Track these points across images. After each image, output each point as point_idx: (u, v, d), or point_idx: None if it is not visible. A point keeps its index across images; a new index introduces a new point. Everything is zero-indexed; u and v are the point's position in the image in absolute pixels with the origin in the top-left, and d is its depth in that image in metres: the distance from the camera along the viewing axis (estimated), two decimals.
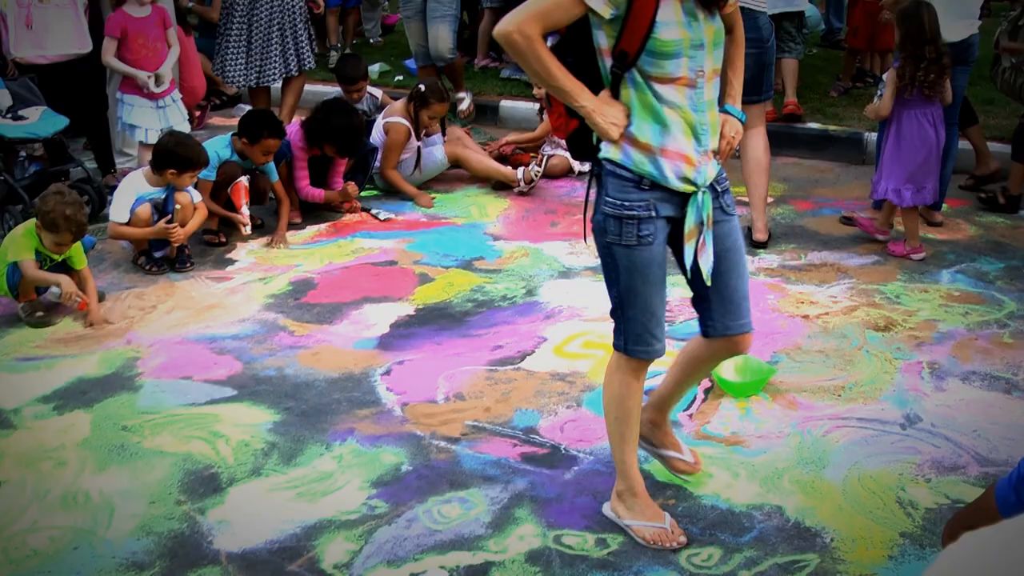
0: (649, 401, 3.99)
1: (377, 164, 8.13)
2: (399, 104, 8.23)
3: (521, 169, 7.95)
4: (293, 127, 7.62)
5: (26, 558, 3.70)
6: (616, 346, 3.65)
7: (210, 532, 3.84)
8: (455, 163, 8.24)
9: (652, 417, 3.99)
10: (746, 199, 6.80)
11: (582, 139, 3.53)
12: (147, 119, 7.73)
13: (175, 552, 3.72)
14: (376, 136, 8.14)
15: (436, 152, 8.20)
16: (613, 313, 3.64)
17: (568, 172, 8.53)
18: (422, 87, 8.17)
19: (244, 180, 7.03)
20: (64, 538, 3.82)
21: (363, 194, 8.05)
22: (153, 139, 7.37)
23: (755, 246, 6.70)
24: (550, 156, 8.44)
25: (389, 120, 8.08)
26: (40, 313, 5.80)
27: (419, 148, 8.12)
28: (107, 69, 7.90)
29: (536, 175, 7.94)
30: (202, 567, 3.64)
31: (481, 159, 8.22)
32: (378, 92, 9.09)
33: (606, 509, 3.83)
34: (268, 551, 3.72)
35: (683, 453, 4.06)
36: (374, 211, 7.66)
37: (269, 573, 3.59)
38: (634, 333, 3.57)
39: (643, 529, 3.69)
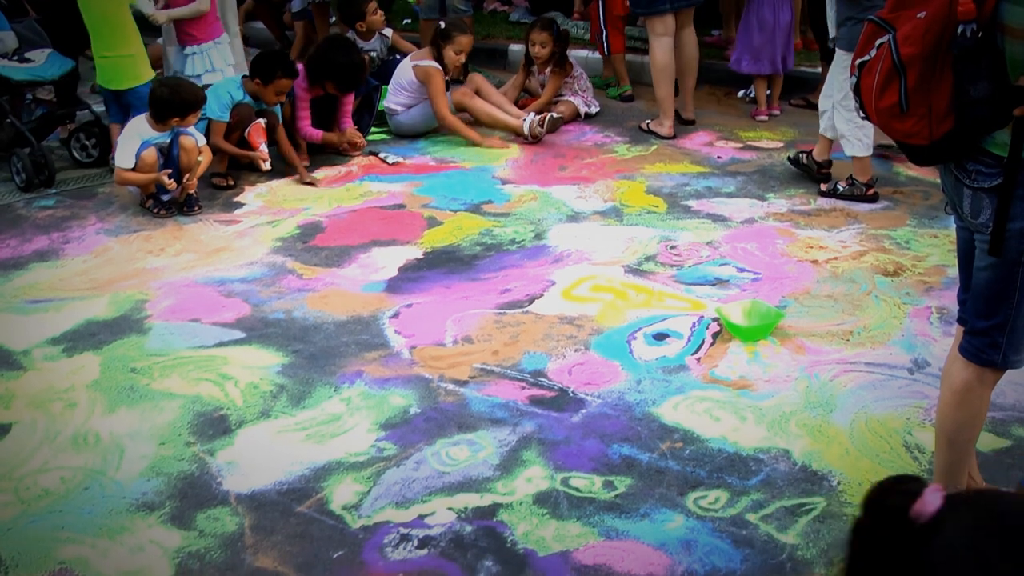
0: None
1: (387, 105, 8.09)
2: (423, 49, 8.18)
3: (527, 122, 7.88)
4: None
5: (37, 498, 3.72)
6: (988, 361, 3.17)
7: (219, 473, 3.86)
8: (461, 111, 8.18)
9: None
10: None
11: (955, 143, 2.95)
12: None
13: (185, 493, 3.75)
14: (402, 78, 8.09)
15: None
16: (990, 330, 3.13)
17: (576, 117, 8.48)
18: (442, 24, 8.13)
19: (261, 121, 7.03)
20: (75, 479, 3.84)
21: (371, 138, 8.03)
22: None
23: (684, 123, 8.21)
24: (556, 103, 8.39)
25: (419, 64, 8.03)
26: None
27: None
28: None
29: (540, 133, 7.86)
30: (211, 508, 3.66)
31: (488, 109, 8.14)
32: (388, 31, 9.03)
33: None
34: (277, 492, 3.74)
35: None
36: (382, 155, 7.64)
37: (278, 514, 3.61)
38: (1020, 344, 3.13)
39: None
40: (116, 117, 7.35)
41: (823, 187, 6.70)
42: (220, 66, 7.74)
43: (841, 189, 6.63)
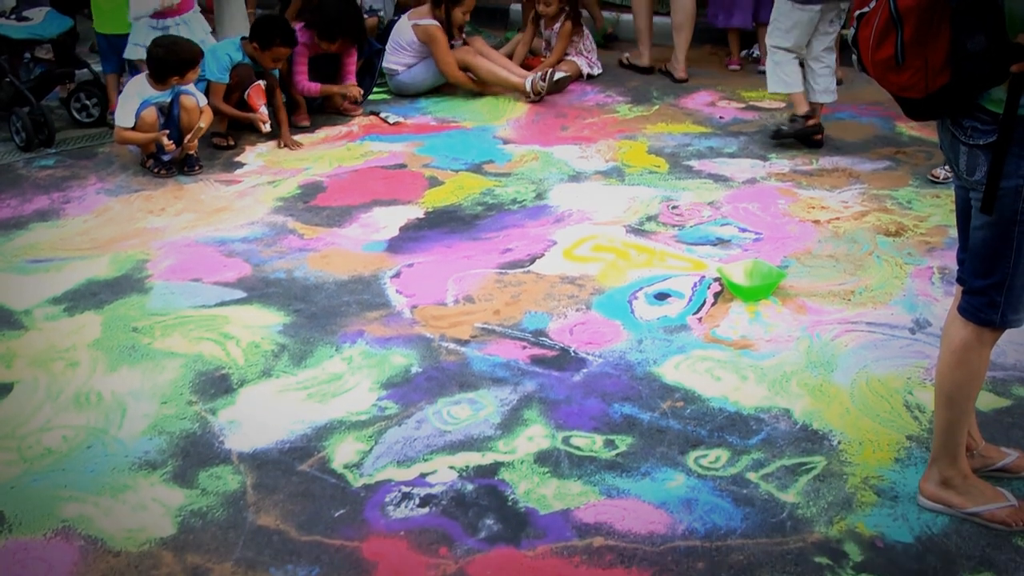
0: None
1: (387, 66, 8.06)
2: (423, 7, 8.12)
3: (529, 80, 7.84)
4: (297, 25, 7.53)
5: (40, 456, 3.73)
6: (986, 321, 3.12)
7: (221, 432, 3.87)
8: (464, 70, 8.14)
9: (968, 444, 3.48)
10: None
11: (950, 97, 2.93)
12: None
13: (187, 451, 3.76)
14: (401, 38, 8.04)
15: None
16: (987, 289, 3.09)
17: (578, 77, 8.45)
18: None
19: (261, 83, 7.01)
20: (77, 437, 3.85)
21: (372, 97, 8.01)
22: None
23: (677, 82, 8.30)
24: (558, 64, 8.36)
25: (419, 23, 7.99)
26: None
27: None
28: None
29: (542, 89, 7.82)
30: (214, 466, 3.67)
31: (490, 67, 8.09)
32: None
33: (925, 503, 3.38)
34: (279, 451, 3.74)
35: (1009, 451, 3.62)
36: (383, 114, 7.61)
37: (280, 473, 3.62)
38: (1018, 303, 3.10)
39: (996, 513, 3.30)
40: (112, 67, 7.32)
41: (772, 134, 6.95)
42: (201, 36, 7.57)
43: (785, 129, 6.80)
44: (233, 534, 3.32)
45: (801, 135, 6.75)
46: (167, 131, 6.43)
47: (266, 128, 6.96)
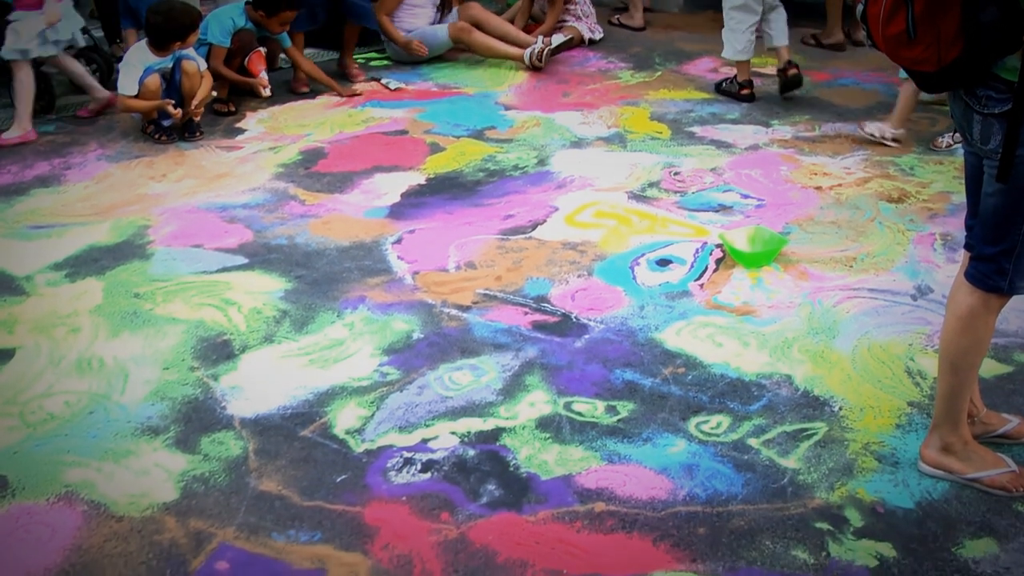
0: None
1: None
2: None
3: (527, 52, 7.79)
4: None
5: (42, 422, 3.74)
6: (994, 287, 3.12)
7: (223, 398, 3.88)
8: (460, 45, 8.08)
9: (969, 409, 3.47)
10: None
11: (963, 69, 2.90)
12: None
13: (189, 417, 3.76)
14: None
15: (439, 32, 8.06)
16: (997, 256, 3.09)
17: (580, 42, 8.41)
18: None
19: (262, 49, 6.99)
20: (80, 403, 3.85)
21: (374, 63, 7.99)
22: None
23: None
24: (560, 27, 8.31)
25: None
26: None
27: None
28: None
29: (540, 63, 7.77)
30: (216, 432, 3.67)
31: (487, 42, 8.01)
32: None
33: (926, 469, 3.38)
34: (281, 416, 3.75)
35: (1010, 417, 3.61)
36: (384, 80, 7.59)
37: (282, 438, 3.62)
38: None
39: (996, 478, 3.30)
40: (128, 22, 7.32)
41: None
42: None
43: (724, 86, 7.30)
44: (235, 499, 3.33)
45: (732, 95, 7.22)
46: (171, 100, 6.41)
47: (266, 93, 6.96)
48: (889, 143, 6.16)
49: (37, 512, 3.27)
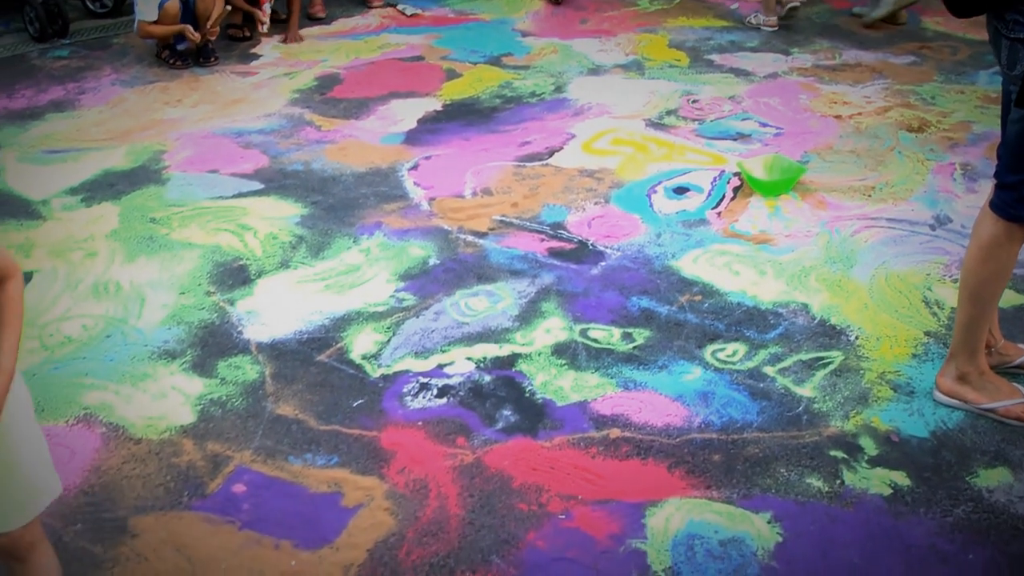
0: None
1: None
2: None
3: None
4: None
5: (60, 345, 3.76)
6: (1016, 217, 3.07)
7: (240, 322, 3.89)
8: None
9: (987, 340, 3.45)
10: None
11: None
12: None
13: (206, 341, 3.77)
14: None
15: None
16: (1019, 184, 3.04)
17: None
18: None
19: None
20: (97, 326, 3.87)
21: None
22: None
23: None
24: None
25: None
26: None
27: None
28: None
29: None
30: (232, 356, 3.69)
31: None
32: None
33: (941, 398, 3.38)
34: (297, 341, 3.76)
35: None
36: (400, 6, 7.52)
37: (299, 363, 3.64)
38: None
39: (1011, 408, 3.30)
40: None
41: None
42: None
43: (751, 20, 7.23)
44: (252, 423, 3.34)
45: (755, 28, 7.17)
46: (188, 25, 6.37)
47: (264, 28, 6.88)
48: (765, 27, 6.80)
49: (57, 434, 3.29)
